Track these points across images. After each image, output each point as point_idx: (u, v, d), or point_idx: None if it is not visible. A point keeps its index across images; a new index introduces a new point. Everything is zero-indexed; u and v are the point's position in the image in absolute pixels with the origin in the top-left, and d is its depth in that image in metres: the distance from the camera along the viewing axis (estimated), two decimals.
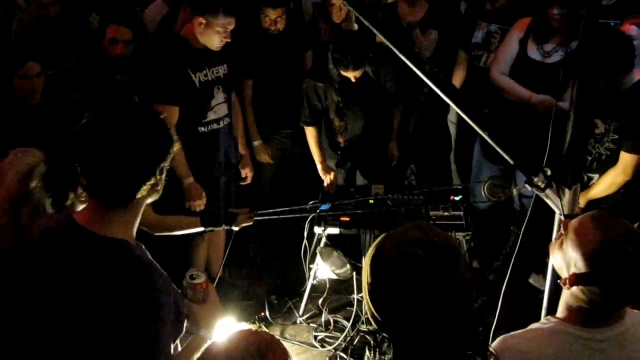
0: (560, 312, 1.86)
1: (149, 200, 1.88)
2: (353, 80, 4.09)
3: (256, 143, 4.52)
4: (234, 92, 4.16)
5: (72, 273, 1.74)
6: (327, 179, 4.41)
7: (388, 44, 2.22)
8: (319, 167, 4.45)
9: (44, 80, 3.63)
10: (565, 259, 1.81)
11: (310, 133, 4.46)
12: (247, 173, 4.31)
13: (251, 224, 3.29)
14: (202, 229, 3.12)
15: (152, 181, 1.80)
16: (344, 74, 4.07)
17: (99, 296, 1.72)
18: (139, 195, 1.79)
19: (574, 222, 1.84)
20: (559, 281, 1.85)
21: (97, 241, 1.77)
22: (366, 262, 1.55)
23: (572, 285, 1.77)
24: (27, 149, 2.21)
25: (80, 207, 1.93)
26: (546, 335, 1.81)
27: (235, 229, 3.23)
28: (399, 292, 1.46)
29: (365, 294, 1.54)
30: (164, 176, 1.85)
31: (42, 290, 1.75)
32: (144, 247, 1.89)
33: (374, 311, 1.52)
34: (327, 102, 4.32)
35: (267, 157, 4.60)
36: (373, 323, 1.54)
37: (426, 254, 1.45)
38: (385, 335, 1.53)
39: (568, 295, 1.82)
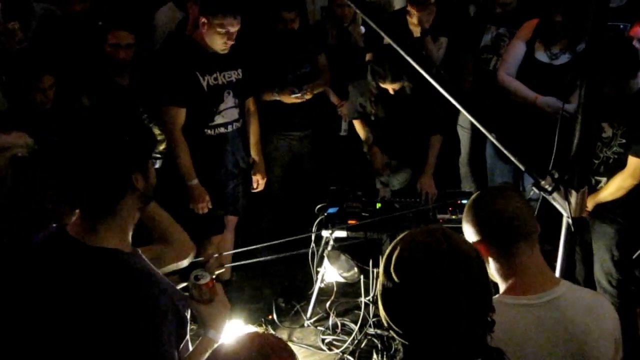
0: (500, 289, 1.94)
1: (139, 206, 1.88)
2: (391, 92, 4.07)
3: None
4: (252, 98, 4.16)
5: (65, 285, 1.73)
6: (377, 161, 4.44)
7: (394, 45, 2.22)
8: (365, 148, 4.49)
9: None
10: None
11: (357, 123, 4.51)
12: (258, 180, 4.30)
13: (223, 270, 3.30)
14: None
15: (133, 184, 1.80)
16: (382, 85, 4.05)
17: (92, 307, 1.71)
18: (122, 200, 1.80)
19: None
20: None
21: (88, 252, 1.76)
22: (381, 267, 1.55)
23: (485, 255, 1.89)
24: (20, 133, 2.24)
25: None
26: None
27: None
28: (407, 297, 1.46)
29: (378, 297, 1.54)
30: (149, 179, 1.86)
31: (36, 304, 1.74)
32: (140, 253, 1.88)
33: (385, 314, 1.52)
34: (364, 110, 4.35)
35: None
36: (385, 325, 1.54)
37: (436, 260, 1.45)
38: (397, 338, 1.52)
39: (494, 273, 1.93)
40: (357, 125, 4.53)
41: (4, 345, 1.77)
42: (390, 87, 4.04)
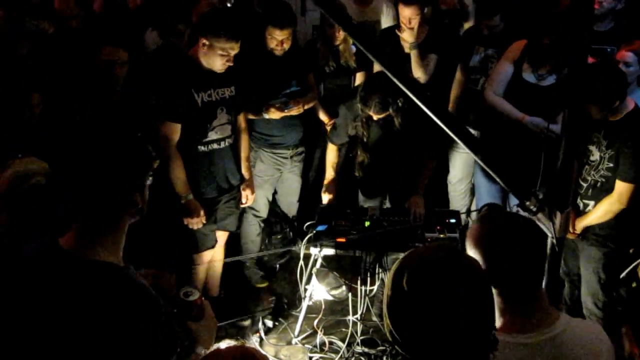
0: (496, 321, 1.88)
1: (132, 220, 1.93)
2: (375, 118, 4.06)
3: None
4: (242, 115, 4.19)
5: (60, 299, 1.75)
6: (326, 197, 4.41)
7: (381, 66, 2.25)
8: (326, 182, 4.45)
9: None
10: None
11: (333, 150, 4.48)
12: (247, 195, 4.32)
13: None
14: None
15: (135, 201, 1.87)
16: (367, 112, 4.04)
17: (88, 320, 1.73)
18: (122, 216, 1.86)
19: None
20: None
21: (84, 265, 1.78)
22: (388, 277, 1.58)
23: None
24: (34, 158, 2.28)
25: None
26: None
27: None
28: (414, 305, 1.49)
29: (384, 306, 1.57)
30: (145, 195, 1.92)
31: (28, 318, 1.75)
32: (132, 268, 1.91)
33: (390, 325, 1.54)
34: (356, 132, 4.33)
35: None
36: (389, 337, 1.56)
37: (442, 270, 1.50)
38: (401, 351, 1.54)
39: (496, 303, 1.85)
40: (331, 150, 4.49)
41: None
42: (375, 116, 4.04)
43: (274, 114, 4.36)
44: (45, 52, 4.29)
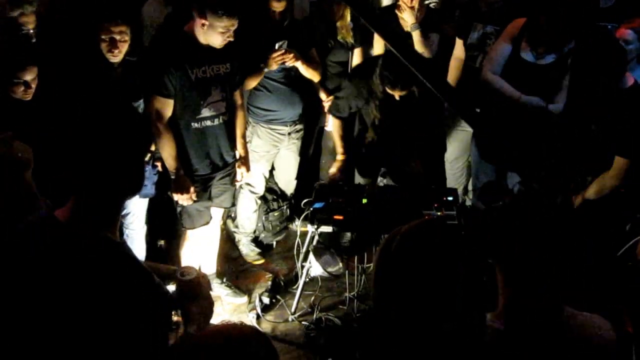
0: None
1: (129, 196, 1.93)
2: (397, 98, 4.07)
3: None
4: (239, 92, 4.16)
5: (57, 271, 1.74)
6: (334, 172, 4.46)
7: (382, 38, 2.23)
8: (339, 157, 4.49)
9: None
10: None
11: (338, 123, 4.50)
12: (242, 172, 4.30)
13: None
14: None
15: (134, 177, 1.87)
16: (389, 91, 4.04)
17: (84, 293, 1.72)
18: (119, 190, 1.85)
19: None
20: None
21: (80, 238, 1.77)
22: (377, 250, 1.60)
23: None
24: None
25: None
26: None
27: None
28: (394, 283, 1.50)
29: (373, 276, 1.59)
30: (143, 172, 1.94)
31: (24, 290, 1.74)
32: (127, 244, 1.91)
33: (374, 293, 1.57)
34: (367, 111, 4.33)
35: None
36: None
37: (427, 252, 1.49)
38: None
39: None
40: (337, 125, 4.50)
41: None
42: (397, 94, 4.04)
43: (272, 63, 4.33)
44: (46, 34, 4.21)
